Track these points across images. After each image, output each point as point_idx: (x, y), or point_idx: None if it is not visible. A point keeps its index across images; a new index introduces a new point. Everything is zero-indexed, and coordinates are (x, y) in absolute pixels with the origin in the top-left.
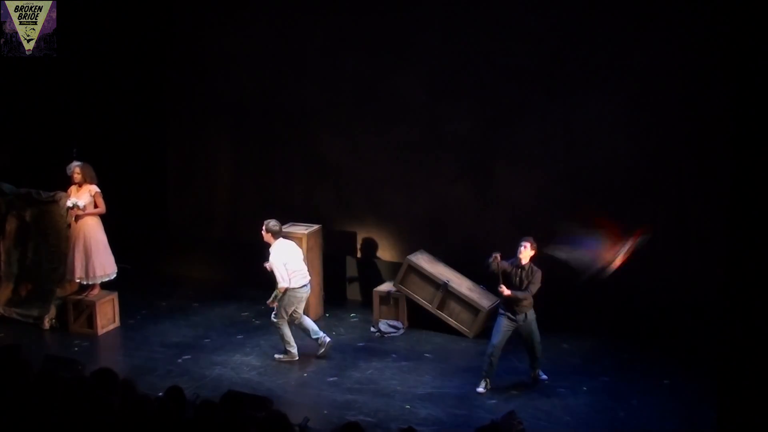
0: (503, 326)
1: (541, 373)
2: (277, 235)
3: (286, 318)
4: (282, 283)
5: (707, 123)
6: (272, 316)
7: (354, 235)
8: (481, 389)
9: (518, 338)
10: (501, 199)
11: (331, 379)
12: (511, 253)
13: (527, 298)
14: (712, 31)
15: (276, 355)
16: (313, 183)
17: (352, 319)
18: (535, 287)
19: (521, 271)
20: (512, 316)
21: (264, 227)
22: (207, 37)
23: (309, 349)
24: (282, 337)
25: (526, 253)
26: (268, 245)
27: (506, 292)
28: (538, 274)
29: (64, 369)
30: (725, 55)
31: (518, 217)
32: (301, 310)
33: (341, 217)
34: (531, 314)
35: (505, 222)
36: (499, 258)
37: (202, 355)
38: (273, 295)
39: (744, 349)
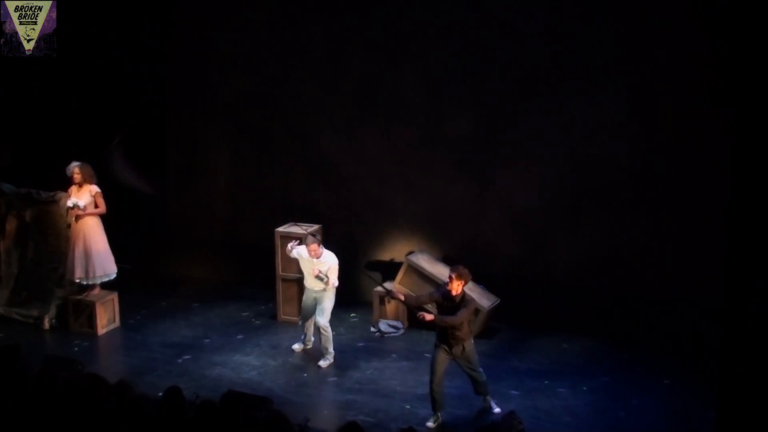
0: (439, 360)
1: (492, 404)
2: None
3: None
4: (336, 282)
5: (707, 122)
6: (323, 320)
7: (354, 235)
8: (430, 423)
9: (458, 368)
10: (501, 199)
11: (331, 379)
12: (507, 255)
13: (457, 327)
14: (712, 31)
15: (321, 363)
16: (313, 183)
17: (352, 319)
18: (462, 314)
19: (450, 303)
20: (447, 349)
21: (316, 243)
22: (207, 36)
23: (311, 350)
24: (329, 340)
25: (455, 284)
26: (318, 257)
27: (427, 317)
28: (471, 304)
29: (64, 369)
30: (725, 55)
31: (518, 217)
32: None
33: (341, 217)
34: (469, 345)
35: (504, 222)
36: (394, 293)
37: (202, 355)
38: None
39: (744, 349)
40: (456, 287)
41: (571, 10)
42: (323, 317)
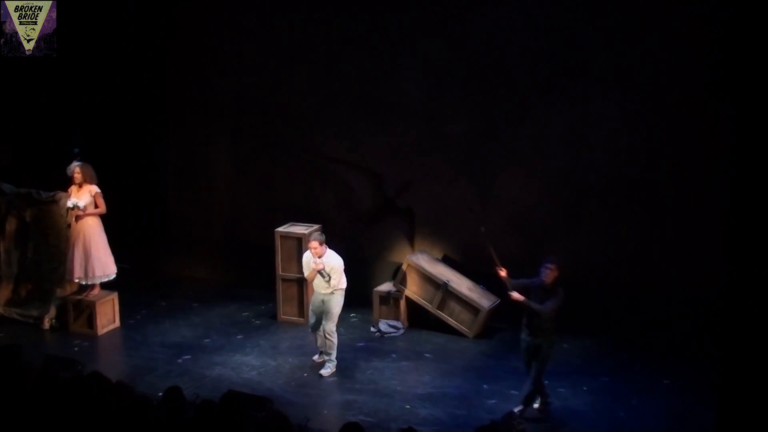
0: (522, 349)
1: (534, 406)
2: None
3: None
4: (343, 284)
5: (706, 122)
6: (329, 324)
7: (354, 235)
8: (535, 405)
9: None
10: (501, 199)
11: (331, 379)
12: (507, 255)
13: (543, 317)
14: (712, 31)
15: (323, 371)
16: (313, 183)
17: (352, 319)
18: (552, 303)
19: (542, 291)
20: (527, 336)
21: (317, 242)
22: (207, 37)
23: (311, 350)
24: (332, 347)
25: (553, 272)
26: (319, 256)
27: (516, 296)
28: (560, 293)
29: (64, 369)
30: (724, 55)
31: (518, 217)
32: None
33: (341, 217)
34: (549, 339)
35: (504, 222)
36: (499, 267)
37: (202, 355)
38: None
39: (744, 348)
40: (551, 276)
41: (570, 11)
42: (330, 322)
